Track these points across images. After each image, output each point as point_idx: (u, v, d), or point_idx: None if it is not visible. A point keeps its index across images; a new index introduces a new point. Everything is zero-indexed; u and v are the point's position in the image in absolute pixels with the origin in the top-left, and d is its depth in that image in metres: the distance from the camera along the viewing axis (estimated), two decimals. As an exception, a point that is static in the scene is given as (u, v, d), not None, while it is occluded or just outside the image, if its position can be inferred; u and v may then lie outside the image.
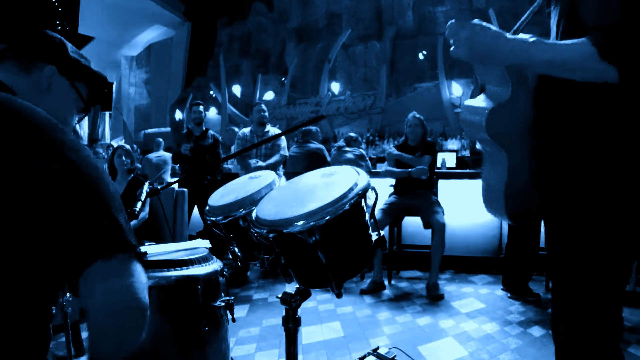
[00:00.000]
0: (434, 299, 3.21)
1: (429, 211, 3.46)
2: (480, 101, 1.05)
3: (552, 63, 0.90)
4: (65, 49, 0.91)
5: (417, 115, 3.79)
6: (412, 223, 3.85)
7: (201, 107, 4.37)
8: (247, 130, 4.16)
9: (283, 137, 4.06)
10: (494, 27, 0.94)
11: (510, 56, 0.93)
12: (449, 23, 0.99)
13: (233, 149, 6.26)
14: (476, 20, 0.95)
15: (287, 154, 4.09)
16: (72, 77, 0.92)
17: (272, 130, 4.16)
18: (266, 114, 4.10)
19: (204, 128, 4.34)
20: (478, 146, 1.14)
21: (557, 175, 1.01)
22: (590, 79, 0.89)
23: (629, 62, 0.83)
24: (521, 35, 0.96)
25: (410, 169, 3.50)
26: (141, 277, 0.68)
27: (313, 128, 4.78)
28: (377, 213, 3.19)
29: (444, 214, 3.49)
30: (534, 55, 0.91)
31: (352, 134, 5.07)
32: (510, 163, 1.03)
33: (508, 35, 0.95)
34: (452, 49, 0.98)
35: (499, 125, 1.00)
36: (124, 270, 0.66)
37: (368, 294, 3.35)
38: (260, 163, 3.85)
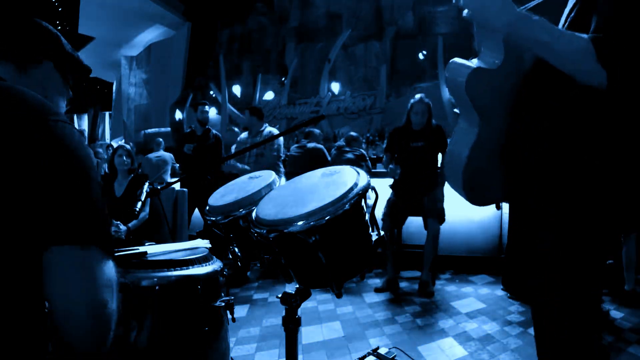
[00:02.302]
0: (424, 295, 3.25)
1: (428, 211, 3.40)
2: (469, 62, 1.04)
3: (549, 46, 0.91)
4: (61, 44, 0.91)
5: (426, 100, 3.35)
6: (412, 223, 3.85)
7: (206, 107, 4.37)
8: (244, 135, 4.20)
9: (280, 138, 4.06)
10: None
11: (513, 24, 0.93)
12: None
13: (233, 149, 6.27)
14: None
15: (281, 154, 4.04)
16: (64, 71, 0.92)
17: (269, 129, 4.15)
18: (236, 129, 4.14)
19: (206, 128, 4.34)
20: (455, 110, 1.12)
21: (530, 161, 1.01)
22: (578, 76, 0.90)
23: (620, 71, 0.84)
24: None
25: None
26: (106, 276, 0.67)
27: (316, 130, 4.79)
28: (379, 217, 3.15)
29: (444, 214, 3.43)
30: (536, 32, 0.91)
31: (353, 134, 5.06)
32: (479, 135, 1.01)
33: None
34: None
35: (478, 88, 0.99)
36: (91, 263, 0.65)
37: (382, 292, 3.36)
38: (247, 167, 3.85)
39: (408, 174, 3.40)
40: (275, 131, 4.23)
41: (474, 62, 1.03)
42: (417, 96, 3.39)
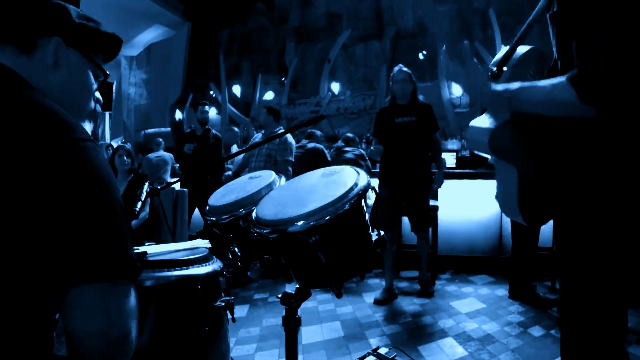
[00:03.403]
0: (424, 294, 3.24)
1: (415, 211, 3.17)
2: (483, 121, 1.08)
3: (536, 106, 0.97)
4: (69, 14, 0.76)
5: (405, 69, 3.13)
6: (412, 223, 3.85)
7: (207, 107, 4.37)
8: (258, 136, 4.16)
9: (292, 141, 3.98)
10: (481, 73, 0.99)
11: (496, 103, 1.00)
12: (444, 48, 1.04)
13: (233, 149, 6.27)
14: (474, 61, 1.00)
15: (290, 158, 3.90)
16: (82, 46, 0.78)
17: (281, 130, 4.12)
18: (236, 130, 4.11)
19: (206, 128, 4.34)
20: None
21: (561, 181, 1.03)
22: (569, 115, 0.94)
23: (606, 105, 0.86)
24: (503, 85, 1.02)
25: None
26: (134, 307, 0.65)
27: (318, 132, 4.79)
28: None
29: (430, 217, 3.26)
30: (518, 103, 0.98)
31: (349, 135, 5.08)
32: (520, 173, 1.05)
33: (494, 85, 1.02)
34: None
35: (502, 142, 1.04)
36: (118, 298, 0.63)
37: (382, 304, 3.09)
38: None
39: (395, 156, 3.09)
40: (289, 136, 4.13)
41: (484, 118, 1.08)
42: (396, 67, 3.19)
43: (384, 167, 3.20)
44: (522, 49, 1.10)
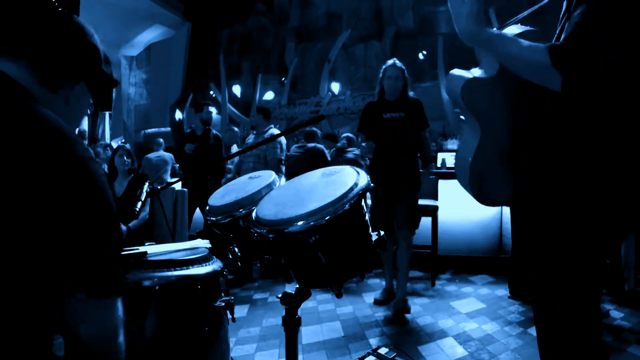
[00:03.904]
0: (399, 314, 2.84)
1: (405, 209, 2.95)
2: (465, 72, 1.09)
3: (507, 56, 0.97)
4: (100, 63, 0.84)
5: (398, 64, 2.97)
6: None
7: (210, 108, 4.38)
8: (251, 138, 4.20)
9: (282, 138, 4.04)
10: (472, 11, 0.99)
11: (476, 39, 1.00)
12: None
13: (233, 149, 6.27)
14: None
15: (281, 157, 3.98)
16: (95, 88, 0.86)
17: (272, 131, 4.15)
18: (237, 130, 4.13)
19: (207, 128, 4.34)
20: (458, 112, 1.19)
21: (531, 164, 1.04)
22: (536, 80, 0.94)
23: (574, 74, 0.87)
24: (487, 28, 1.01)
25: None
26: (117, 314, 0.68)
27: (318, 132, 4.80)
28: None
29: (419, 220, 3.03)
30: (493, 47, 0.98)
31: (350, 134, 5.08)
32: (480, 140, 1.06)
33: (477, 24, 1.00)
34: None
35: (474, 96, 1.04)
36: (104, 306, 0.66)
37: (383, 304, 3.06)
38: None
39: (382, 152, 2.94)
40: (278, 131, 4.21)
41: (472, 72, 1.08)
42: (390, 60, 3.04)
43: (372, 164, 3.07)
44: (517, 29, 1.10)
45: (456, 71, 1.10)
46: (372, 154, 2.93)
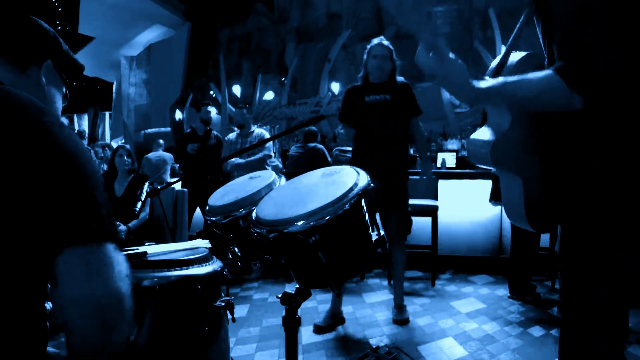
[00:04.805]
0: (399, 323, 2.68)
1: (393, 213, 2.63)
2: (484, 133, 1.07)
3: (523, 99, 0.95)
4: (60, 44, 0.92)
5: (385, 42, 2.61)
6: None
7: (210, 107, 4.38)
8: (233, 135, 4.22)
9: (265, 134, 4.12)
10: (462, 69, 0.98)
11: (487, 97, 0.99)
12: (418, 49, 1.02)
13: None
14: (451, 55, 1.00)
15: (270, 152, 4.06)
16: (61, 69, 0.93)
17: (256, 130, 4.17)
18: (247, 115, 4.14)
19: (207, 128, 4.35)
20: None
21: (562, 181, 1.03)
22: (557, 108, 0.93)
23: (593, 91, 0.86)
24: (485, 81, 1.00)
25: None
26: (121, 267, 0.67)
27: (318, 132, 4.81)
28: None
29: (410, 223, 2.74)
30: (504, 97, 0.97)
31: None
32: (524, 181, 1.05)
33: (476, 81, 0.99)
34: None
35: (503, 153, 1.03)
36: (103, 259, 0.65)
37: (323, 332, 2.57)
38: (240, 160, 3.87)
39: (365, 142, 2.60)
40: (261, 130, 4.25)
41: (484, 131, 1.07)
42: (376, 39, 2.66)
43: (354, 155, 2.69)
44: (516, 56, 1.10)
45: (477, 135, 1.09)
46: (352, 143, 2.62)
